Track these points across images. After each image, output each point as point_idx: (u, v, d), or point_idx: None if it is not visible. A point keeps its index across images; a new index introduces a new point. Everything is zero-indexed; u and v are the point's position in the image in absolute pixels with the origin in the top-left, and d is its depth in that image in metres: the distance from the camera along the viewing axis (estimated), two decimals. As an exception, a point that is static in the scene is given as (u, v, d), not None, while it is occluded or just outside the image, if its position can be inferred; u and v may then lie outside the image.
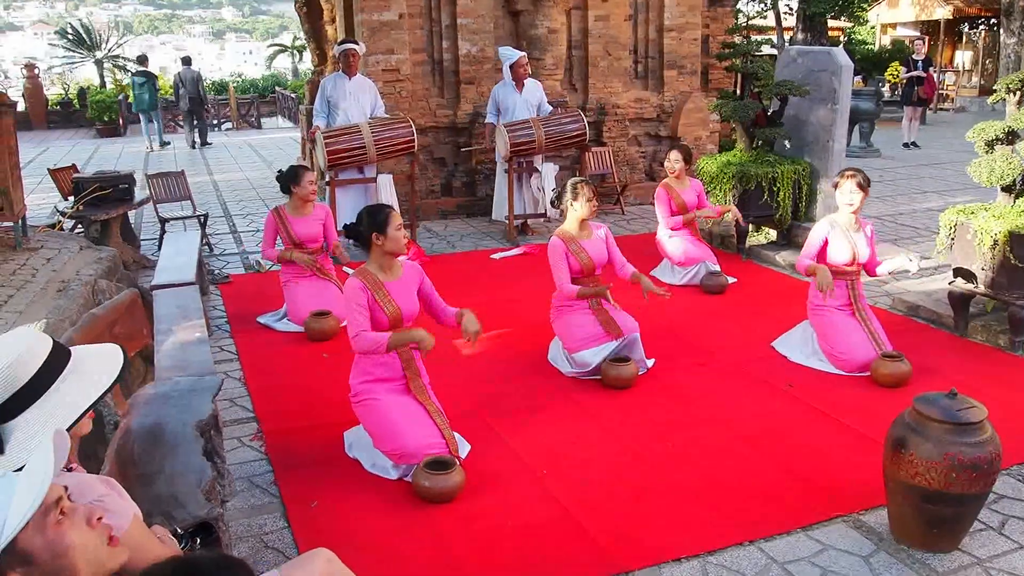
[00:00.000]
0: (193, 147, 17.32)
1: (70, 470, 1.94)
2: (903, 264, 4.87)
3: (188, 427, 2.86)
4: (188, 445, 2.77)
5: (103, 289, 5.30)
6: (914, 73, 14.52)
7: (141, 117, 17.55)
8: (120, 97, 21.60)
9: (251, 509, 3.59)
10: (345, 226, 4.04)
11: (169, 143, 17.64)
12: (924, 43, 16.37)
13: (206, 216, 8.50)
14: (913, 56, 15.00)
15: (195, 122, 17.68)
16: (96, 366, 1.95)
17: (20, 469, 1.62)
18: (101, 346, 2.05)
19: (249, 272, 7.41)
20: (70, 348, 1.97)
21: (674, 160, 6.74)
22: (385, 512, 3.50)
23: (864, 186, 4.87)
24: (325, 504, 3.58)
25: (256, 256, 7.80)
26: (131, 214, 8.35)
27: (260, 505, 3.62)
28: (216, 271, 7.33)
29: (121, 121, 21.24)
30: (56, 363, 1.89)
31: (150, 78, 17.16)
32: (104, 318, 4.39)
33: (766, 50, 9.78)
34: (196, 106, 17.41)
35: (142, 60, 18.13)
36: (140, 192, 8.16)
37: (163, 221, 8.23)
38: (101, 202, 7.38)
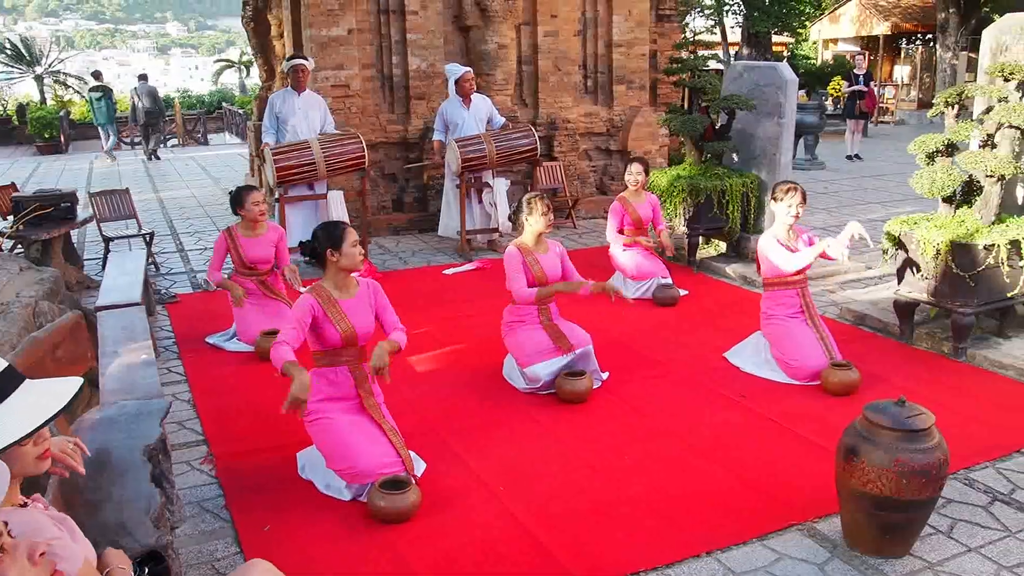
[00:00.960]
0: (150, 158, 17.59)
1: (25, 505, 1.86)
2: (852, 231, 4.86)
3: (135, 452, 2.79)
4: (136, 471, 2.70)
5: (44, 311, 5.14)
6: (856, 87, 14.91)
7: (100, 131, 18.30)
8: (62, 113, 21.13)
9: (202, 535, 3.50)
10: (301, 243, 3.98)
11: (115, 159, 17.45)
12: (864, 58, 16.85)
13: (152, 235, 8.32)
14: (854, 71, 15.42)
15: (150, 133, 18.03)
16: (46, 395, 1.86)
17: None
18: (61, 379, 1.97)
19: (197, 291, 7.27)
20: (25, 377, 1.89)
21: (636, 172, 6.75)
22: (341, 534, 3.45)
23: (805, 195, 5.00)
24: (278, 528, 3.51)
25: (204, 275, 7.67)
26: (74, 233, 8.13)
27: (211, 530, 3.54)
28: (163, 291, 7.18)
29: (63, 138, 20.76)
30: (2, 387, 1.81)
31: (106, 92, 17.71)
32: (46, 341, 4.26)
33: (713, 65, 9.92)
34: (153, 119, 17.83)
35: (97, 75, 18.67)
36: (83, 211, 7.97)
37: (107, 240, 8.03)
38: (42, 221, 7.20)
